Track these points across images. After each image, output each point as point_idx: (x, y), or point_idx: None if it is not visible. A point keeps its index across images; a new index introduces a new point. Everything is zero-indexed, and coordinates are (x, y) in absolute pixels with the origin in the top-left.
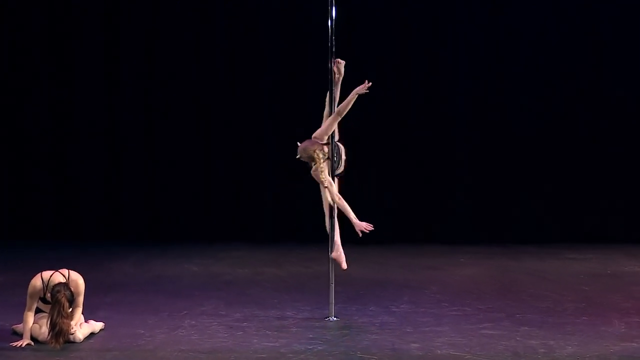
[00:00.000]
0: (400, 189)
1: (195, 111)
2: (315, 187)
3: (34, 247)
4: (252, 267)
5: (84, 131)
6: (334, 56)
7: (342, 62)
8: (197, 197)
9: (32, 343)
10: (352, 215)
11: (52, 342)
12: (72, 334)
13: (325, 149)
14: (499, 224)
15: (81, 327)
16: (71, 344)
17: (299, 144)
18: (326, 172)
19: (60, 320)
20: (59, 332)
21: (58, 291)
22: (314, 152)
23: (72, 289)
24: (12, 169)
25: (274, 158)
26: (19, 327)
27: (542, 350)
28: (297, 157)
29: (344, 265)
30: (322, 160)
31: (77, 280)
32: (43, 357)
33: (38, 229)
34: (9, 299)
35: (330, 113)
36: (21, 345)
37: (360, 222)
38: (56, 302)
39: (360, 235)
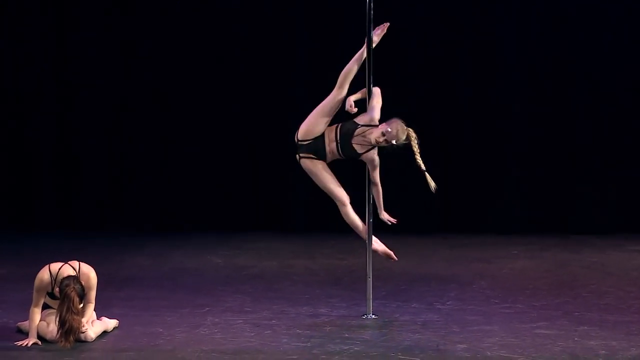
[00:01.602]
0: (447, 173)
1: (219, 89)
2: (349, 171)
3: (40, 237)
4: (281, 259)
5: (91, 113)
6: (372, 27)
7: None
8: (221, 182)
9: (39, 342)
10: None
11: (61, 341)
12: (83, 332)
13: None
14: (555, 213)
15: (93, 325)
16: (82, 344)
17: (389, 129)
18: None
19: (70, 317)
20: (69, 330)
21: (67, 285)
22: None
23: (83, 282)
24: (14, 153)
25: None
26: (24, 325)
27: (603, 352)
28: (394, 142)
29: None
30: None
31: (89, 273)
32: (51, 357)
33: (44, 217)
34: (12, 294)
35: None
36: (27, 344)
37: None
38: (65, 297)
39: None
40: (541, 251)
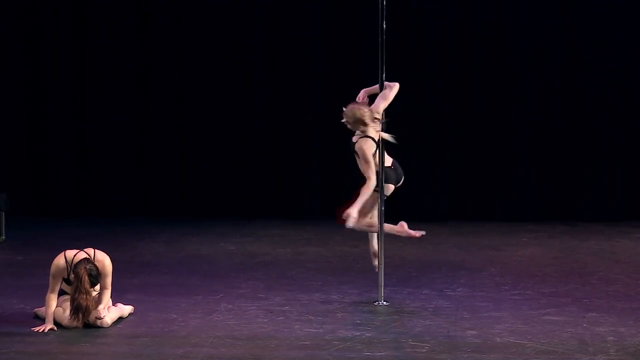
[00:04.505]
0: (456, 161)
1: (232, 76)
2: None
3: (56, 224)
4: (294, 246)
5: (109, 99)
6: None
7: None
8: (235, 170)
9: (55, 328)
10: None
11: (72, 321)
12: (101, 318)
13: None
14: (564, 200)
15: (109, 311)
16: (97, 329)
17: (344, 108)
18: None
19: (78, 296)
20: (78, 308)
21: (78, 266)
22: (362, 113)
23: (99, 269)
24: (32, 139)
25: (319, 127)
26: (41, 311)
27: (612, 338)
28: (343, 120)
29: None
30: (370, 123)
31: (104, 260)
32: (67, 343)
33: (60, 204)
34: (29, 280)
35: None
36: (44, 330)
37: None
38: (75, 276)
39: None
40: (550, 239)
